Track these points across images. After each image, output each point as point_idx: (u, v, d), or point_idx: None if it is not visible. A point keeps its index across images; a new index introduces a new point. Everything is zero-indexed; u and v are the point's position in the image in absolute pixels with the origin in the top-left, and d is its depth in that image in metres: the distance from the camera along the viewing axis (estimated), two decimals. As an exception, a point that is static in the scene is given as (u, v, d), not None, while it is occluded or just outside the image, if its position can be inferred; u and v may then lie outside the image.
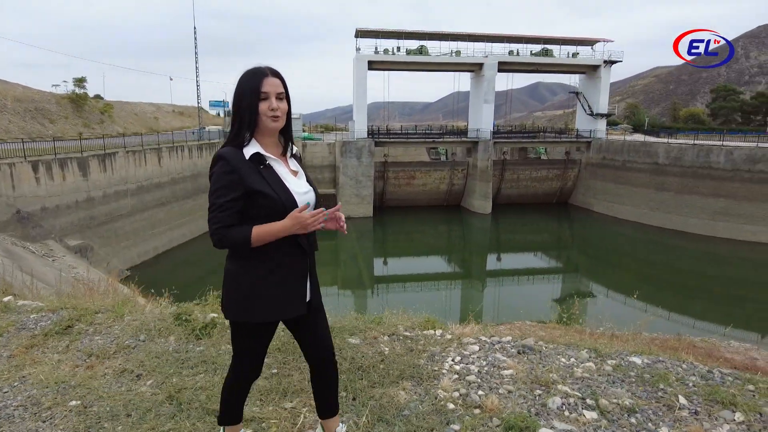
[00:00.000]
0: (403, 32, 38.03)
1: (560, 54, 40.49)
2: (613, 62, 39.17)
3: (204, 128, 35.87)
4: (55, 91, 35.84)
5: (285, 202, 1.84)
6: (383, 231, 33.88)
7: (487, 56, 38.19)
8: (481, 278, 26.21)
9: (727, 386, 2.65)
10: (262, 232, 1.80)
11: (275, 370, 2.79)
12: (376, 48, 37.37)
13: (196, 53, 35.32)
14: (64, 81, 40.28)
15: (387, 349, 3.02)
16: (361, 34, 37.07)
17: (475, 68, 39.18)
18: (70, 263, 17.06)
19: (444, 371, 2.73)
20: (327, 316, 2.24)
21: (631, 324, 16.20)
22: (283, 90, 1.90)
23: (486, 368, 2.78)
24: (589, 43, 41.02)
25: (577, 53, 41.00)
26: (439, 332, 3.31)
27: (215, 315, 3.55)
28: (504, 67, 39.16)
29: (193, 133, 33.45)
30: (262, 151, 1.88)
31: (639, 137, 39.68)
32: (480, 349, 3.04)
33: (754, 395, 2.58)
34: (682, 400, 2.48)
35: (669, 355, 3.20)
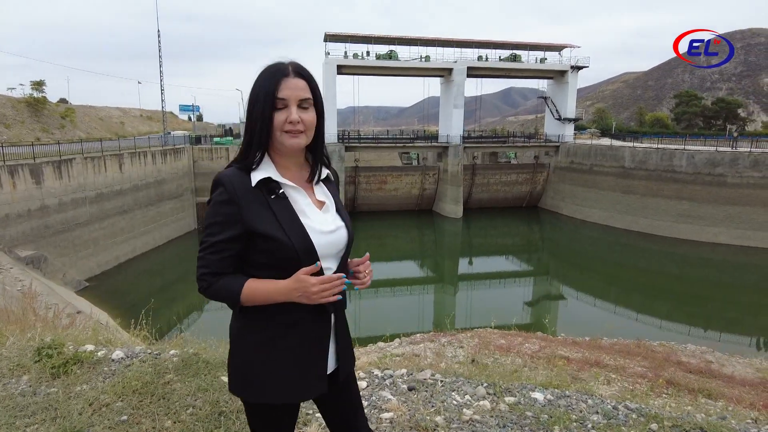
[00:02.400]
0: (373, 37, 37.88)
1: (528, 59, 40.88)
2: (579, 68, 39.70)
3: (169, 133, 35.05)
4: (11, 95, 34.53)
5: (297, 248, 1.36)
6: (355, 236, 33.53)
7: (456, 61, 38.28)
8: (453, 282, 26.13)
9: (629, 426, 2.40)
10: (255, 290, 1.37)
11: (125, 417, 2.43)
12: (345, 52, 37.13)
13: (160, 56, 34.52)
14: (21, 84, 38.86)
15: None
16: (330, 38, 36.77)
17: (444, 73, 39.24)
18: (17, 275, 16.29)
19: (318, 415, 2.42)
20: (214, 343, 1.81)
21: (598, 326, 16.21)
22: (308, 95, 1.43)
23: (366, 410, 2.48)
24: (557, 48, 41.52)
25: (545, 59, 41.46)
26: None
27: (92, 347, 3.18)
28: (473, 72, 39.32)
29: (158, 138, 32.62)
30: (276, 176, 1.43)
31: (606, 141, 40.27)
32: (368, 386, 2.75)
33: (655, 436, 2.35)
34: (573, 445, 2.23)
35: (580, 386, 2.95)
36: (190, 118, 51.73)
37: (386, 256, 30.78)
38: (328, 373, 1.51)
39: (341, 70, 36.95)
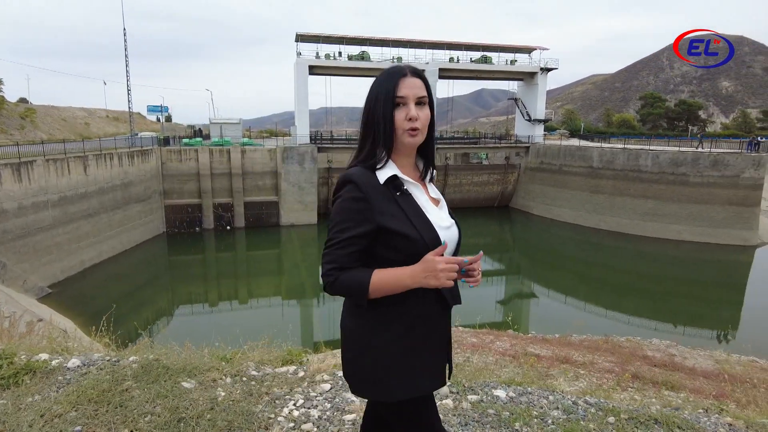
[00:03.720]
0: (345, 37, 37.80)
1: (499, 61, 41.43)
2: (548, 69, 40.44)
3: (136, 134, 34.22)
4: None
5: (428, 242, 1.39)
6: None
7: (428, 63, 38.52)
8: (426, 283, 26.25)
9: (587, 420, 2.45)
10: (385, 279, 1.36)
11: (78, 428, 2.35)
12: (317, 53, 36.95)
13: (126, 55, 33.69)
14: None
15: (223, 393, 2.65)
16: (301, 38, 36.53)
17: (416, 74, 39.43)
18: (-28, 282, 15.68)
19: (280, 419, 2.39)
20: (176, 348, 1.76)
21: (568, 323, 16.48)
22: (425, 94, 1.47)
23: (328, 412, 2.47)
24: (527, 50, 42.20)
25: (515, 60, 42.09)
26: (293, 369, 2.97)
27: (46, 356, 3.06)
28: (445, 73, 39.63)
29: (125, 139, 31.81)
30: (400, 174, 1.47)
31: (575, 142, 41.11)
32: (331, 388, 2.73)
33: (612, 430, 2.40)
34: (534, 441, 2.26)
35: (542, 383, 3.00)
36: (158, 119, 50.63)
37: (360, 257, 30.76)
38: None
39: (313, 70, 36.74)
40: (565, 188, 35.51)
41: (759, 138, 35.25)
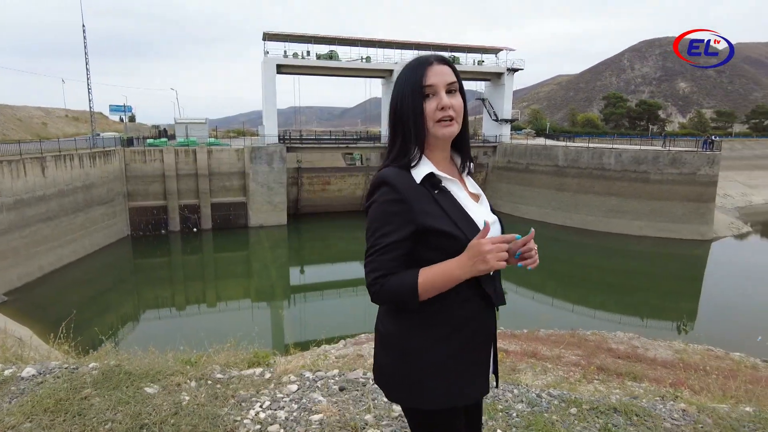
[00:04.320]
0: (313, 36, 37.55)
1: (467, 62, 41.89)
2: (515, 70, 41.14)
3: (98, 134, 33.16)
4: None
5: (470, 239, 1.29)
6: (299, 238, 33.11)
7: (396, 63, 38.63)
8: (397, 282, 26.35)
9: (550, 412, 2.52)
10: (433, 275, 1.28)
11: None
12: (285, 52, 36.57)
13: (86, 52, 32.61)
14: None
15: (188, 397, 2.60)
16: (269, 37, 36.09)
17: (385, 74, 39.52)
18: None
19: (246, 421, 2.37)
20: (139, 353, 1.66)
21: (536, 319, 16.81)
22: (455, 80, 1.37)
23: (296, 413, 2.46)
24: (494, 51, 42.81)
25: (483, 61, 42.64)
26: (259, 371, 2.94)
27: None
28: (414, 73, 39.78)
29: (86, 140, 30.77)
30: (437, 171, 1.37)
31: (541, 141, 41.95)
32: (298, 389, 2.72)
33: (574, 420, 2.48)
34: (499, 433, 2.31)
35: (507, 377, 3.07)
36: (121, 119, 49.19)
37: (331, 257, 30.62)
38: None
39: (281, 69, 36.36)
40: (531, 186, 36.20)
41: (713, 137, 36.74)
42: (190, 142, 33.28)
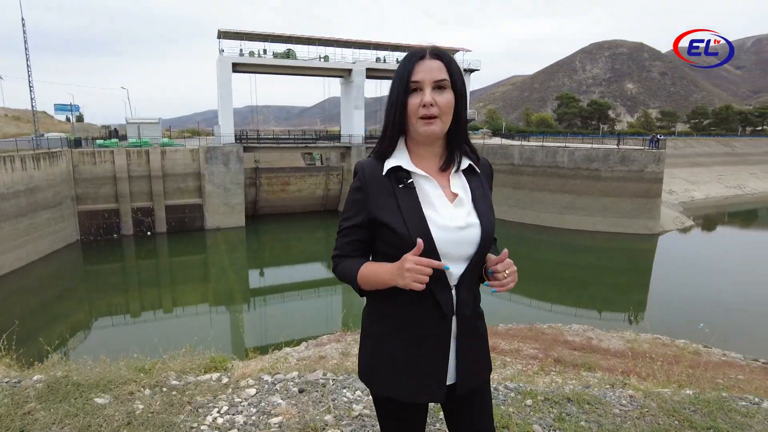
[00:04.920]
0: (269, 35, 36.99)
1: (425, 61, 42.26)
2: (471, 71, 41.87)
3: (42, 135, 31.53)
4: None
5: (414, 240, 1.26)
6: (258, 240, 32.55)
7: (355, 62, 38.59)
8: (360, 282, 26.31)
9: (507, 404, 2.60)
10: (368, 272, 1.33)
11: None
12: (241, 50, 35.89)
13: (26, 48, 30.94)
14: None
15: (142, 406, 2.52)
16: (224, 35, 35.32)
17: (344, 74, 39.40)
18: None
19: (204, 427, 2.32)
20: (89, 363, 1.58)
21: (495, 314, 17.16)
22: (445, 77, 1.33)
23: (254, 417, 2.43)
24: (451, 52, 43.38)
25: (440, 61, 43.14)
26: (216, 376, 2.88)
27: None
28: (372, 73, 39.88)
29: (28, 141, 29.20)
30: (407, 164, 1.35)
31: (497, 140, 42.83)
32: (257, 393, 2.68)
33: (530, 411, 2.56)
34: (457, 428, 2.35)
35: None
36: (68, 119, 46.97)
37: (292, 258, 30.25)
38: (448, 383, 1.39)
39: (237, 68, 35.66)
40: (489, 185, 36.88)
41: (659, 136, 38.52)
42: (143, 143, 32.14)
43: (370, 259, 1.45)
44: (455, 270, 1.34)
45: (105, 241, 28.74)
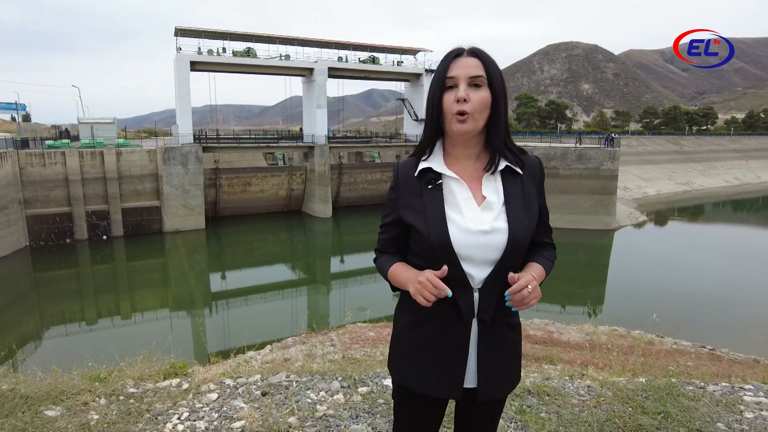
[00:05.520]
0: (228, 33, 36.25)
1: (386, 62, 42.41)
2: (432, 71, 42.17)
3: (-16, 136, 29.89)
4: None
5: (433, 241, 1.29)
6: (219, 243, 31.87)
7: (316, 61, 38.31)
8: (325, 282, 26.12)
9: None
10: (395, 273, 1.41)
11: None
12: (199, 48, 35.03)
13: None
14: None
15: (97, 416, 2.43)
16: (181, 33, 34.39)
17: (305, 73, 39.06)
18: None
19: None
20: (39, 374, 1.50)
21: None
22: (480, 74, 1.30)
23: (216, 422, 2.38)
24: (412, 52, 43.70)
25: (402, 62, 43.39)
26: (176, 382, 2.81)
27: None
28: (334, 73, 39.70)
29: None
30: (438, 166, 1.36)
31: (459, 139, 43.36)
32: (218, 397, 2.63)
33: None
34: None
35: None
36: (13, 118, 44.75)
37: (255, 261, 29.79)
38: (466, 386, 1.39)
39: (195, 66, 34.77)
40: (452, 183, 37.37)
41: (613, 135, 39.95)
42: (97, 144, 30.93)
43: (408, 255, 1.50)
44: (478, 274, 1.33)
45: (57, 246, 27.52)
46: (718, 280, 22.77)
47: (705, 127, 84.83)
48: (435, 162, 1.39)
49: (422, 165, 1.40)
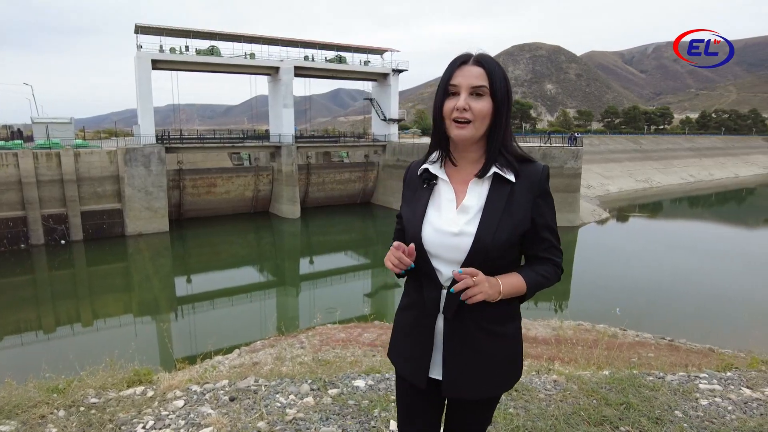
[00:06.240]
0: (192, 31, 35.47)
1: (353, 61, 42.33)
2: (400, 71, 42.41)
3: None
4: None
5: (409, 238, 1.43)
6: (183, 246, 31.13)
7: (282, 60, 37.92)
8: (295, 283, 25.87)
9: (439, 396, 2.67)
10: None
11: None
12: (161, 46, 34.14)
13: None
14: None
15: (55, 429, 2.33)
16: (142, 30, 33.44)
17: (271, 72, 38.61)
18: None
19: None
20: (12, 382, 1.40)
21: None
22: (482, 84, 1.34)
23: (183, 429, 2.33)
24: (379, 52, 43.75)
25: (369, 61, 43.38)
26: (140, 389, 2.73)
27: None
28: (300, 72, 39.38)
29: None
30: (433, 168, 1.46)
31: (427, 140, 43.68)
32: (185, 404, 2.57)
33: (461, 401, 2.64)
34: (392, 425, 2.39)
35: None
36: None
37: (222, 263, 29.25)
38: (432, 376, 1.46)
39: (157, 65, 33.87)
40: (420, 183, 37.64)
41: (576, 134, 41.03)
42: (53, 144, 29.75)
43: None
44: (447, 272, 1.40)
45: (10, 252, 26.35)
46: (677, 274, 23.71)
47: (662, 127, 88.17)
48: (433, 164, 1.49)
49: (425, 166, 1.50)
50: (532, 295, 1.49)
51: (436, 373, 1.46)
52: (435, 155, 1.50)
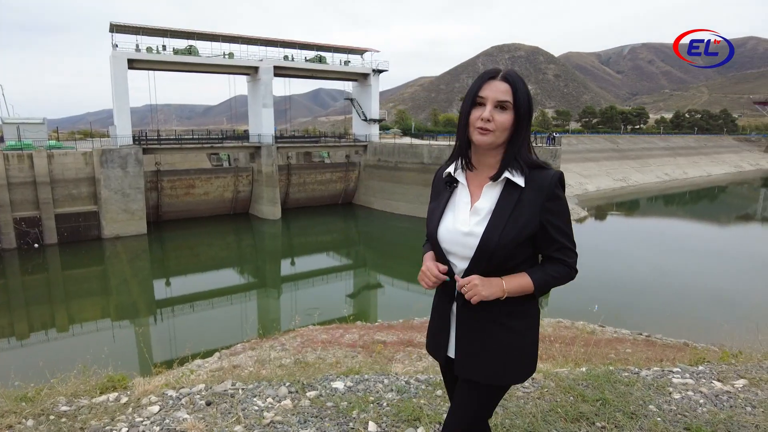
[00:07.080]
0: (169, 30, 34.92)
1: (333, 61, 42.21)
2: (380, 71, 42.42)
3: None
4: None
5: (428, 232, 1.66)
6: (162, 248, 30.64)
7: (262, 60, 37.60)
8: (276, 285, 25.67)
9: (418, 396, 2.67)
10: (425, 261, 1.66)
11: None
12: (137, 46, 33.55)
13: None
14: None
15: (24, 439, 2.27)
16: (117, 29, 32.80)
17: (250, 71, 38.26)
18: None
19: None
20: None
21: (410, 308, 17.50)
22: (507, 99, 1.48)
23: (158, 436, 2.28)
24: (359, 52, 43.70)
25: (349, 61, 43.31)
26: (114, 396, 2.67)
27: None
28: (280, 72, 39.10)
29: None
30: (454, 172, 1.63)
31: (407, 140, 43.85)
32: (161, 410, 2.52)
33: (440, 401, 2.65)
34: (371, 427, 2.38)
35: (378, 368, 3.17)
36: None
37: (201, 266, 28.88)
38: (450, 354, 1.67)
39: (133, 64, 33.27)
40: (400, 183, 37.76)
41: (554, 134, 41.59)
42: (25, 146, 28.99)
43: None
44: (460, 265, 1.58)
45: (-20, 256, 25.60)
46: (653, 270, 24.20)
47: (638, 126, 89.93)
48: (453, 168, 1.65)
49: (449, 169, 1.66)
50: (542, 293, 1.61)
51: (452, 352, 1.67)
52: (458, 162, 1.64)
